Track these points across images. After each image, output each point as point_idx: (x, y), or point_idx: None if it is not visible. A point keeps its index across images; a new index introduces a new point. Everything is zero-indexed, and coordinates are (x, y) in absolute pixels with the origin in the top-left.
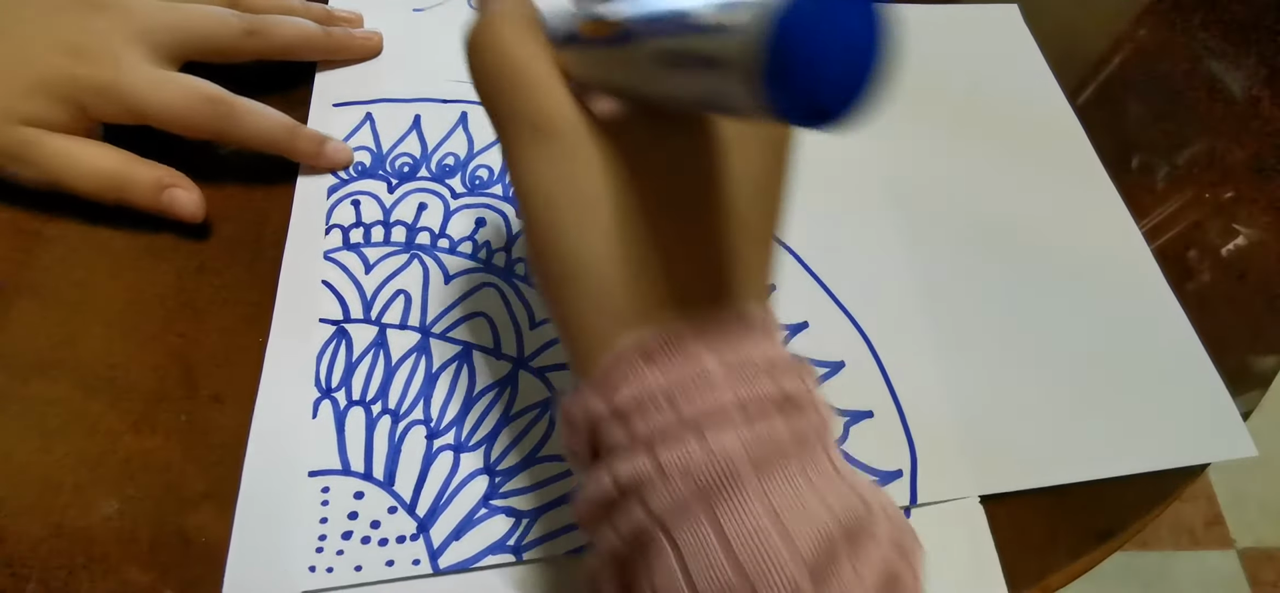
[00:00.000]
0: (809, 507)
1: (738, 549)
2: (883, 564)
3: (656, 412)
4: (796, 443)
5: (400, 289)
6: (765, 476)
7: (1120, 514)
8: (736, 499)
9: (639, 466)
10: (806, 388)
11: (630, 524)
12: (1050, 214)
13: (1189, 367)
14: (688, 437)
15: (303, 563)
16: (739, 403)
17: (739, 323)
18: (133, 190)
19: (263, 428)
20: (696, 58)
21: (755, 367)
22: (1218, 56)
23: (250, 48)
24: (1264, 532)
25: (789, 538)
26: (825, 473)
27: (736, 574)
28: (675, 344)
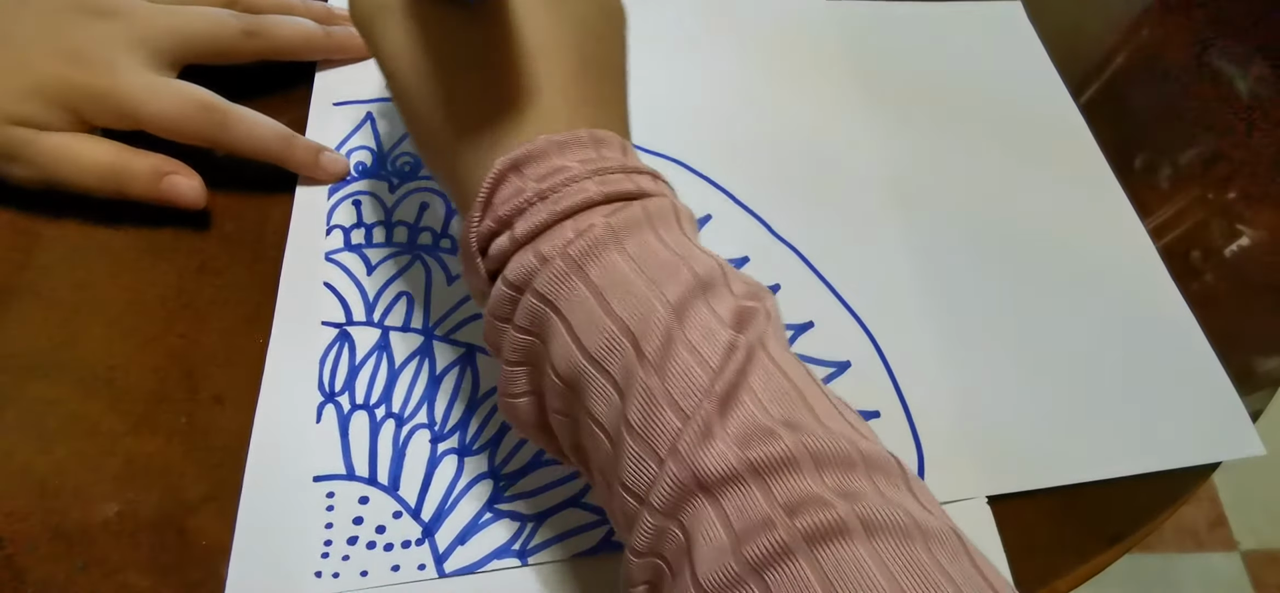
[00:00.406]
0: (667, 263)
1: (611, 300)
2: (736, 305)
3: (531, 211)
4: (651, 219)
5: (403, 291)
6: (626, 240)
7: (1128, 517)
8: (604, 261)
9: (525, 261)
10: (659, 186)
11: (526, 314)
12: (1056, 213)
13: (1196, 366)
14: (561, 225)
15: (308, 568)
16: (601, 193)
17: (593, 141)
18: (131, 181)
19: (265, 431)
20: None
21: (610, 168)
22: (1223, 54)
23: (250, 49)
24: (1268, 534)
25: (653, 284)
26: (681, 240)
27: (614, 322)
28: (540, 156)
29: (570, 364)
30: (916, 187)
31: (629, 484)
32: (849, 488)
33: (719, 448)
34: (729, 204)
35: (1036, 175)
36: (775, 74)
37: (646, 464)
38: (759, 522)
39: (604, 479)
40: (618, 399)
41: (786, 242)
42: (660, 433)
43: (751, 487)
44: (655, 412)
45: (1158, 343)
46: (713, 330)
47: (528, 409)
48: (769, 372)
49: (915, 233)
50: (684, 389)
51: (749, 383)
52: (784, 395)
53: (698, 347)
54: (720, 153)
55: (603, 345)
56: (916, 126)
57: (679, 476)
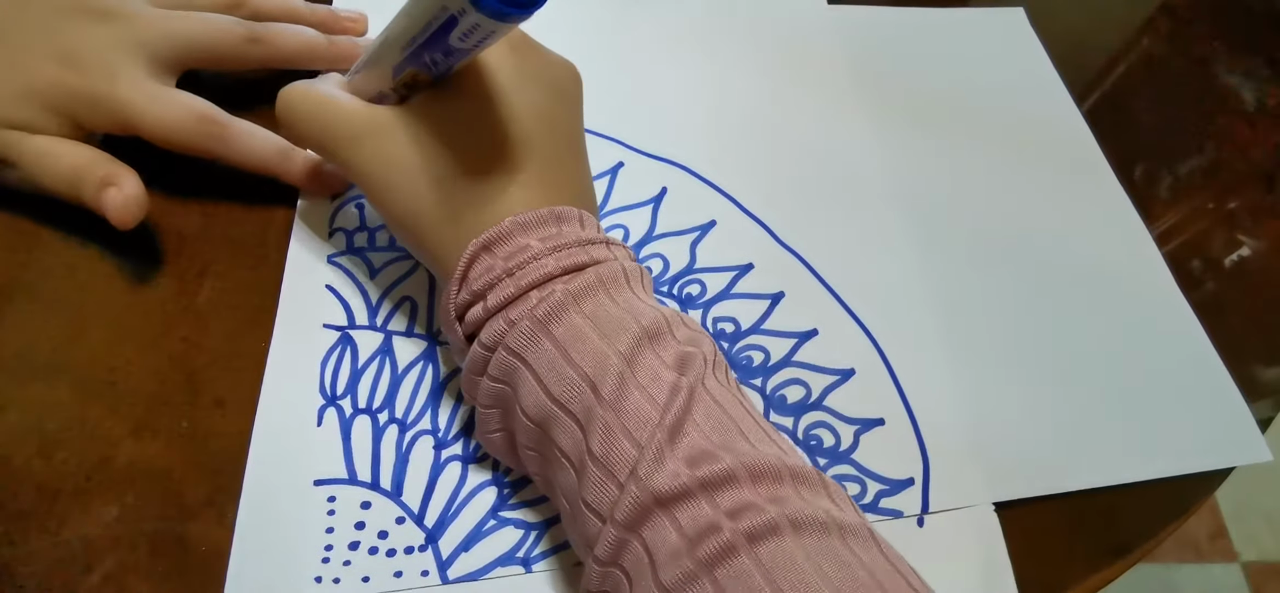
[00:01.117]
0: (617, 319)
1: (572, 352)
2: (679, 350)
3: (500, 285)
4: (603, 282)
5: (406, 296)
6: (583, 302)
7: (1136, 529)
8: (562, 318)
9: (496, 326)
10: (613, 251)
11: (498, 366)
12: (1061, 220)
13: (1201, 372)
14: (526, 295)
15: (308, 573)
16: (559, 267)
17: (554, 217)
18: (84, 188)
19: (265, 435)
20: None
21: (567, 242)
22: (1226, 64)
23: (253, 56)
24: (1268, 545)
25: (606, 337)
26: (629, 298)
27: (575, 370)
28: (505, 237)
29: (538, 406)
30: (921, 193)
31: (592, 503)
32: (778, 495)
33: (671, 468)
34: (733, 210)
35: (1041, 182)
36: (780, 80)
37: (608, 486)
38: (707, 527)
39: (569, 503)
40: (580, 434)
41: (790, 248)
42: (618, 459)
43: (700, 499)
44: (613, 442)
45: (1162, 349)
46: (659, 373)
47: (501, 442)
48: (708, 406)
49: (920, 239)
50: (637, 423)
51: (693, 416)
52: (721, 425)
53: (647, 387)
54: (724, 159)
55: (566, 390)
56: (921, 133)
57: (638, 495)
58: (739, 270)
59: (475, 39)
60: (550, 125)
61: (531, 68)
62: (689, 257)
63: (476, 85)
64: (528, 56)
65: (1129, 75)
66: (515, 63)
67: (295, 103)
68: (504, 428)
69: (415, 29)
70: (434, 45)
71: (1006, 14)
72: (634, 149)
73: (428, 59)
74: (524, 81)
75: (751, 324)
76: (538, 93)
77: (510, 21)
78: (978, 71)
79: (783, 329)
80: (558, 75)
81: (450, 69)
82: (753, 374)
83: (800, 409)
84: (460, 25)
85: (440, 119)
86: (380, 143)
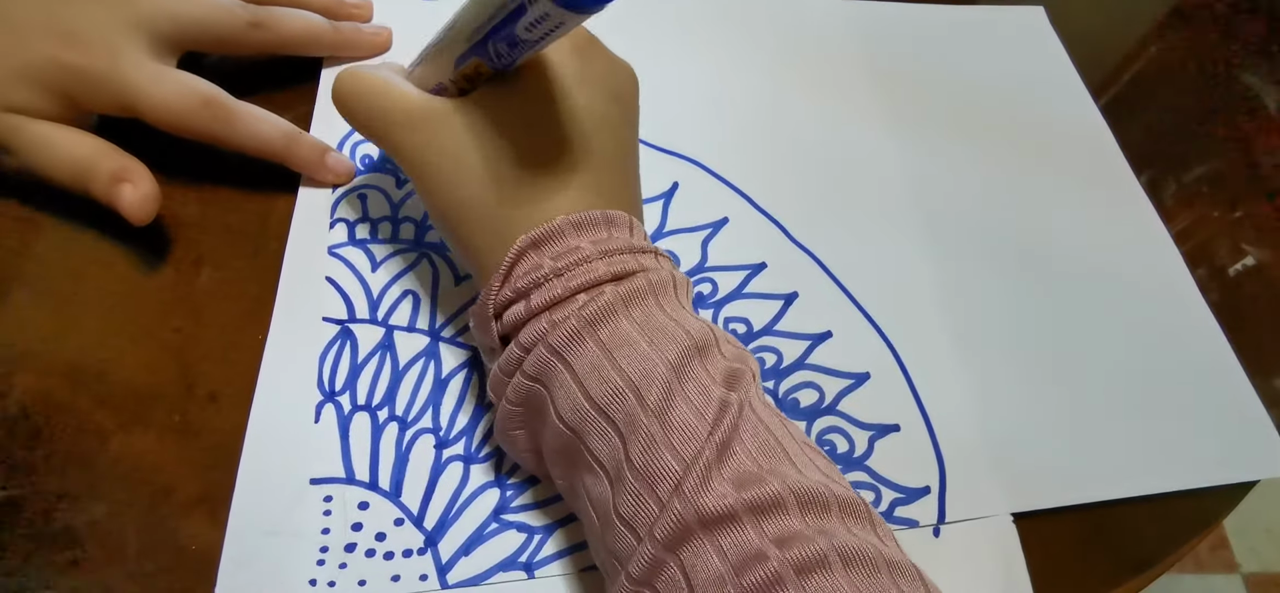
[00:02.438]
0: (667, 328)
1: (618, 356)
2: (726, 366)
3: (547, 285)
4: (654, 289)
5: (408, 289)
6: (632, 307)
7: (1157, 543)
8: (612, 323)
9: (537, 328)
10: (660, 263)
11: (535, 365)
12: (1081, 223)
13: (1223, 383)
14: (573, 297)
15: (303, 575)
16: (609, 272)
17: (605, 221)
18: (93, 180)
19: (260, 431)
20: (508, 7)
21: (618, 248)
22: (1246, 66)
23: (255, 41)
24: (1270, 557)
25: (654, 345)
26: (678, 308)
27: (619, 375)
28: (556, 235)
29: (575, 410)
30: (937, 193)
31: (627, 517)
32: (825, 526)
33: (719, 489)
34: (747, 208)
35: (1060, 184)
36: (794, 76)
37: (646, 501)
38: (753, 554)
39: (598, 512)
40: (619, 443)
41: (805, 247)
42: (660, 473)
43: (746, 525)
44: (656, 455)
45: (1184, 358)
46: (707, 388)
47: (523, 440)
48: (755, 426)
49: (937, 241)
50: (683, 437)
51: (741, 435)
52: (769, 447)
53: (695, 401)
54: (738, 156)
55: (608, 395)
56: (938, 132)
57: (682, 513)
58: (752, 270)
59: (542, 31)
60: (608, 129)
61: (594, 69)
62: (700, 254)
63: (537, 81)
64: (591, 57)
65: (1146, 76)
66: (578, 63)
67: (353, 84)
68: (527, 427)
69: (483, 17)
70: (499, 34)
71: (1026, 12)
72: (645, 142)
73: (492, 50)
74: (585, 82)
75: (764, 325)
76: (598, 95)
77: (582, 13)
78: (997, 70)
79: (796, 331)
80: (619, 80)
81: (512, 63)
82: (765, 377)
83: (814, 413)
84: (529, 14)
85: (498, 112)
86: (435, 131)
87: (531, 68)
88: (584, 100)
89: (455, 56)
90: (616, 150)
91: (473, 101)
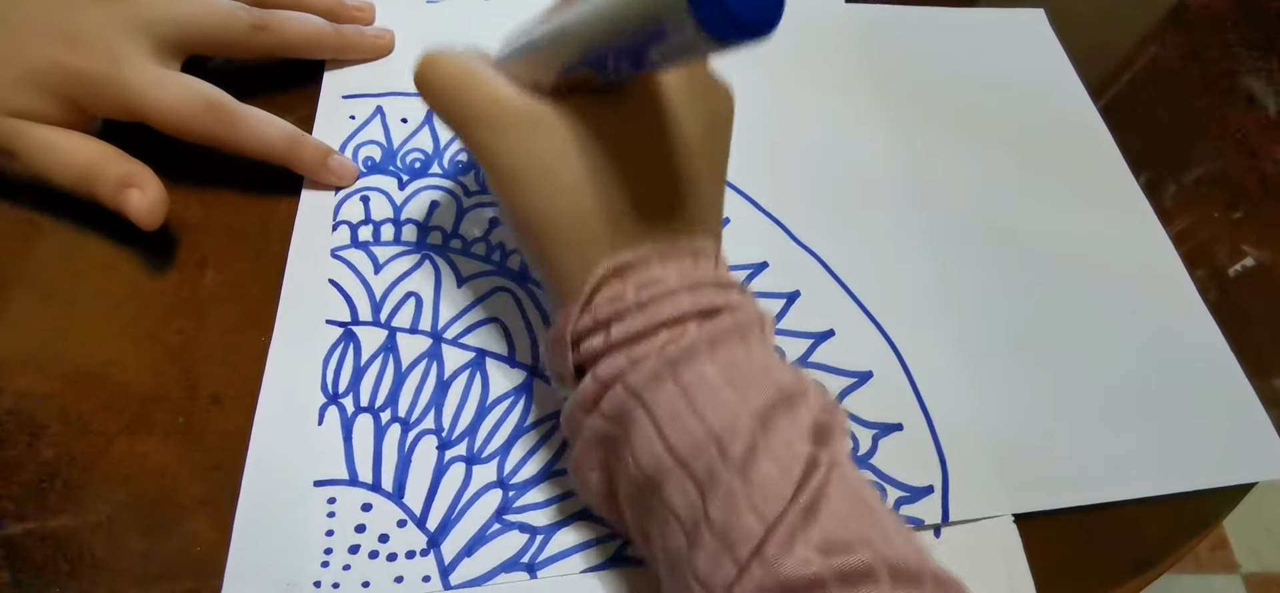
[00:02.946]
0: (751, 374)
1: (699, 403)
2: (813, 419)
3: (629, 317)
4: (740, 329)
5: (411, 291)
6: (717, 350)
7: (1157, 543)
8: (695, 366)
9: (617, 363)
10: (746, 300)
11: (612, 405)
12: (1082, 225)
13: (1223, 384)
14: (655, 333)
15: (307, 577)
16: (695, 307)
17: (692, 251)
18: (99, 185)
19: (264, 433)
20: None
21: (706, 282)
22: (1247, 67)
23: (258, 44)
24: (1270, 557)
25: (739, 393)
26: (763, 353)
27: (700, 424)
28: (642, 264)
29: (652, 456)
30: (938, 194)
31: (703, 576)
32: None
33: (803, 555)
34: (749, 208)
35: (1061, 186)
36: (796, 77)
37: (723, 561)
38: None
39: (671, 567)
40: (697, 497)
41: (807, 247)
42: (740, 534)
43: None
44: (736, 513)
45: (1184, 360)
46: (793, 444)
47: (598, 483)
48: (844, 489)
49: (938, 241)
50: (765, 496)
51: (828, 496)
52: (860, 512)
53: (780, 457)
54: (739, 156)
55: (688, 444)
56: (938, 133)
57: (763, 579)
58: (753, 269)
59: (676, 56)
60: (706, 153)
61: (700, 88)
62: None
63: (647, 97)
64: (698, 78)
65: (1146, 77)
66: (687, 84)
67: (440, 70)
68: (603, 470)
69: (610, 32)
70: (627, 54)
71: (1026, 14)
72: None
73: (612, 66)
74: (692, 104)
75: None
76: (700, 116)
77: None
78: (997, 72)
79: (798, 330)
80: (718, 101)
81: (622, 80)
82: None
83: None
84: (668, 41)
85: (600, 124)
86: (528, 136)
87: (642, 81)
88: (688, 125)
89: (564, 63)
90: (712, 177)
91: (576, 111)
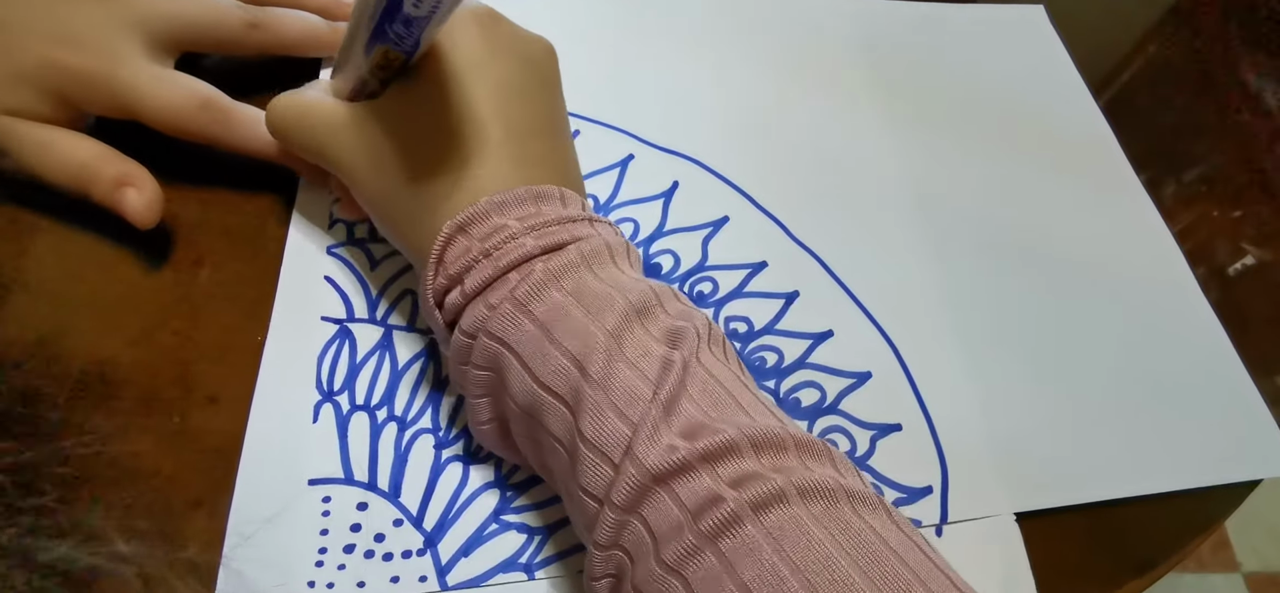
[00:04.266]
0: (602, 295)
1: (556, 332)
2: (669, 324)
3: (478, 267)
4: (586, 259)
5: (407, 289)
6: (564, 279)
7: (1160, 543)
8: (543, 297)
9: (476, 312)
10: (597, 229)
11: (482, 354)
12: (1083, 222)
13: (1225, 381)
14: (505, 277)
15: (301, 577)
16: (538, 246)
17: (532, 196)
18: (95, 185)
19: (259, 432)
20: None
21: (548, 221)
22: (1248, 65)
23: (253, 42)
24: (1271, 556)
25: (591, 314)
26: (613, 273)
27: (560, 351)
28: (480, 217)
29: (526, 392)
30: (939, 192)
31: (587, 487)
32: (782, 464)
33: (666, 443)
34: (747, 206)
35: (1062, 183)
36: (795, 73)
37: (601, 468)
38: (709, 499)
39: (566, 490)
40: (570, 417)
41: (805, 246)
42: (611, 439)
43: (700, 472)
44: (604, 422)
45: (1186, 357)
46: (649, 348)
47: (494, 432)
48: (704, 380)
49: (938, 239)
50: (628, 400)
51: (688, 391)
52: (718, 399)
53: (636, 363)
54: (737, 153)
55: (552, 372)
56: (939, 130)
57: (635, 474)
58: (752, 268)
59: (430, 4)
60: (522, 101)
61: (499, 43)
62: (701, 253)
63: (441, 66)
64: (494, 32)
65: (1147, 75)
66: (481, 39)
67: (281, 113)
68: (495, 417)
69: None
70: (392, 16)
71: (1026, 11)
72: (644, 141)
73: (392, 33)
74: (492, 57)
75: (765, 324)
76: (508, 68)
77: None
78: (997, 69)
79: (797, 330)
80: (530, 50)
81: (417, 43)
82: (766, 376)
83: (815, 413)
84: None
85: (409, 104)
86: (353, 135)
87: (436, 52)
88: (495, 75)
89: (363, 45)
90: (537, 120)
91: (385, 98)
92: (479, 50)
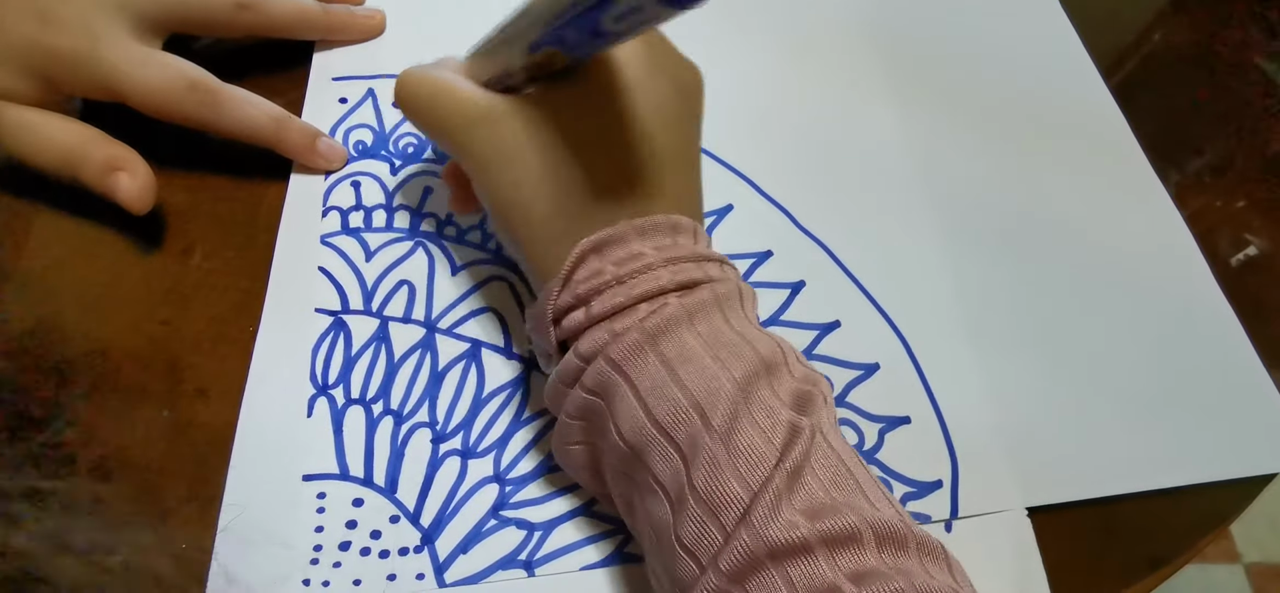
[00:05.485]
0: (733, 344)
1: (681, 373)
2: (795, 387)
3: (609, 292)
4: (719, 302)
5: (403, 279)
6: (697, 320)
7: (1174, 538)
8: (673, 334)
9: (598, 336)
10: (726, 272)
11: (594, 378)
12: (1094, 210)
13: (1241, 375)
14: (635, 307)
15: (296, 575)
16: (674, 281)
17: (671, 227)
18: (84, 168)
19: (251, 426)
20: None
21: (682, 256)
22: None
23: (243, 23)
24: (1272, 547)
25: (720, 362)
26: (744, 323)
27: (683, 393)
28: (618, 240)
29: (636, 427)
30: (947, 178)
31: (688, 544)
32: (903, 565)
33: (787, 518)
34: (752, 194)
35: (1073, 170)
36: (800, 60)
37: (708, 528)
38: (826, 589)
39: (657, 536)
40: (681, 465)
41: (812, 235)
42: (725, 500)
43: (818, 558)
44: (720, 480)
45: (1200, 349)
46: (775, 410)
47: (581, 456)
48: (827, 455)
49: (946, 228)
50: (749, 462)
51: (812, 463)
52: (840, 478)
53: (762, 424)
54: (741, 140)
55: (670, 414)
56: (946, 114)
57: (750, 544)
58: (758, 258)
59: (630, 24)
60: (672, 128)
61: (660, 64)
62: None
63: (604, 76)
64: (658, 51)
65: (1156, 58)
66: (646, 57)
67: (412, 89)
68: (587, 443)
69: (565, 3)
70: (583, 24)
71: None
72: None
73: (572, 40)
74: (651, 78)
75: (771, 315)
76: (664, 92)
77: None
78: (1005, 51)
79: (804, 320)
80: (684, 77)
81: (590, 55)
82: None
83: None
84: (619, 5)
85: (562, 108)
86: (495, 129)
87: (600, 63)
88: (653, 98)
89: (529, 42)
90: (680, 150)
91: (536, 98)
92: (642, 69)
